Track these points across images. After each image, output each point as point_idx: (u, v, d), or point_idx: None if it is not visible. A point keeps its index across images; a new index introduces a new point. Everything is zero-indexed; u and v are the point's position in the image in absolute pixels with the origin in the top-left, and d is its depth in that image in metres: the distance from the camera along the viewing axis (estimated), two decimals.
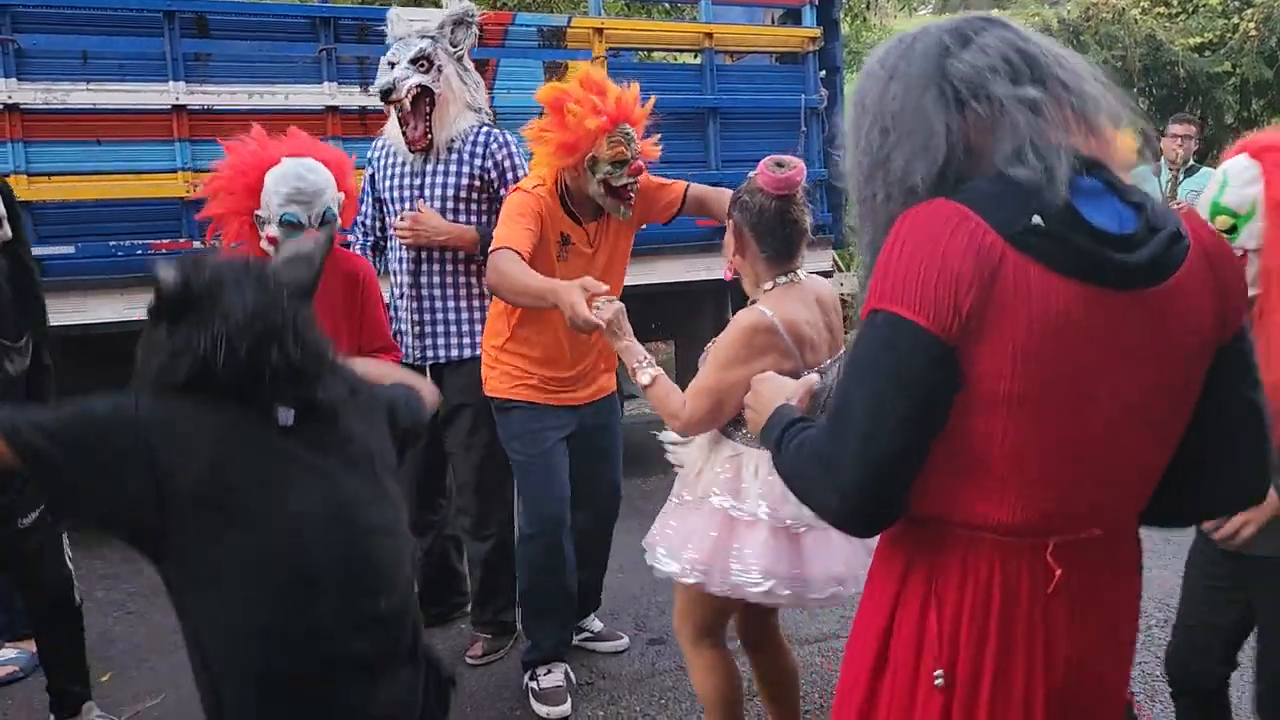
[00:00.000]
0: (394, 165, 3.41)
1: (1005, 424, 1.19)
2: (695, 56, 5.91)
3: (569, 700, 3.16)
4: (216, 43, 4.61)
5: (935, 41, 1.26)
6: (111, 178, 4.38)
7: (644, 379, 2.29)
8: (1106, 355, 1.18)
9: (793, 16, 6.11)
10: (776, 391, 1.59)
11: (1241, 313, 1.28)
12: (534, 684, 3.19)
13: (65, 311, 4.08)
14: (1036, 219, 1.15)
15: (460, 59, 3.41)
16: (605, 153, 2.89)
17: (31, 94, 4.22)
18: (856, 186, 1.33)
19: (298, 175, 2.82)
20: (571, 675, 3.28)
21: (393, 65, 3.31)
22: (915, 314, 1.16)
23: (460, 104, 3.36)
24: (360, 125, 4.69)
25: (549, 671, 3.20)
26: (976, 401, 1.18)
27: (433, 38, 3.33)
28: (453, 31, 3.38)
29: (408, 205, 3.35)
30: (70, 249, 4.29)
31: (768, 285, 2.32)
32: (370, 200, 3.57)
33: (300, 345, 1.50)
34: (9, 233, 2.72)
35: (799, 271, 2.36)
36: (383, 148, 3.49)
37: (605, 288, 2.46)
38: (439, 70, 3.32)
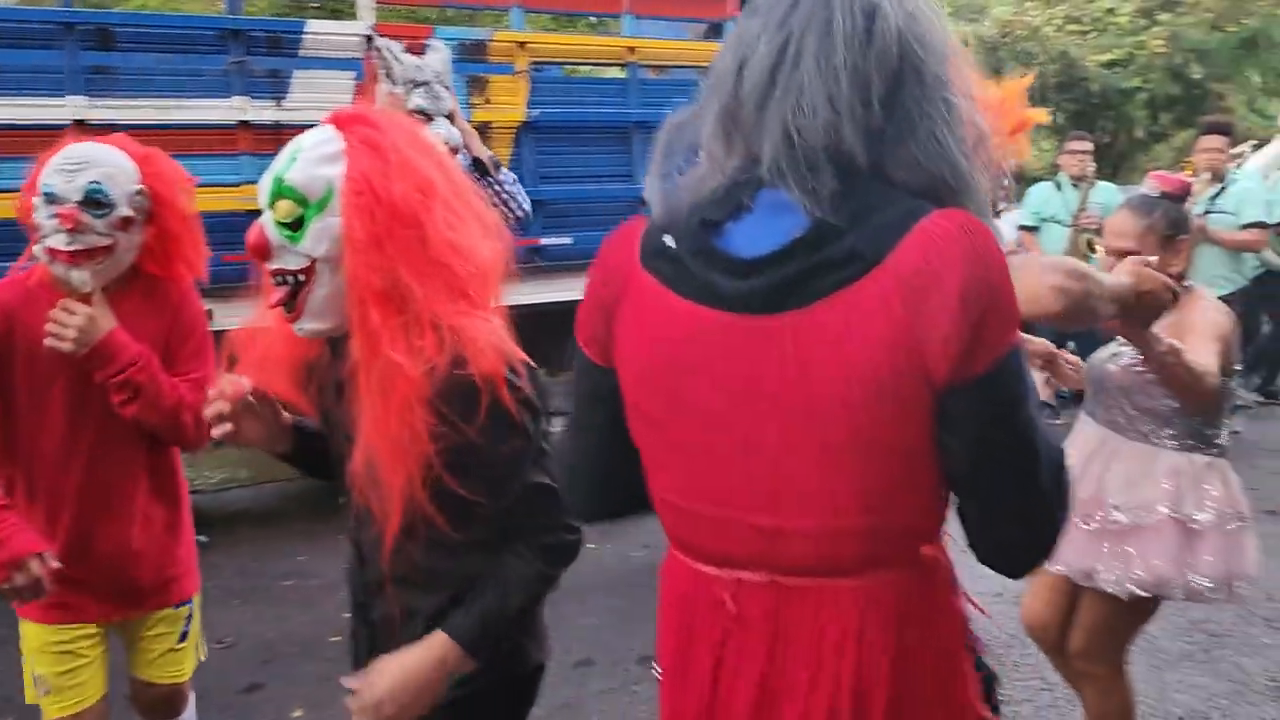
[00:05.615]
0: None
1: (652, 444, 1.16)
2: (622, 70, 5.88)
3: None
4: (121, 55, 4.44)
5: None
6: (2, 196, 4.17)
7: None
8: (738, 384, 1.05)
9: (715, 31, 6.11)
10: None
11: (965, 358, 0.97)
12: None
13: None
14: (668, 239, 1.09)
15: None
16: None
17: None
18: None
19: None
20: None
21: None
22: (578, 334, 1.20)
23: None
24: (274, 141, 4.54)
25: None
26: (633, 418, 1.16)
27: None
28: None
29: None
30: None
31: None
32: None
33: None
34: None
35: None
36: None
37: None
38: None
